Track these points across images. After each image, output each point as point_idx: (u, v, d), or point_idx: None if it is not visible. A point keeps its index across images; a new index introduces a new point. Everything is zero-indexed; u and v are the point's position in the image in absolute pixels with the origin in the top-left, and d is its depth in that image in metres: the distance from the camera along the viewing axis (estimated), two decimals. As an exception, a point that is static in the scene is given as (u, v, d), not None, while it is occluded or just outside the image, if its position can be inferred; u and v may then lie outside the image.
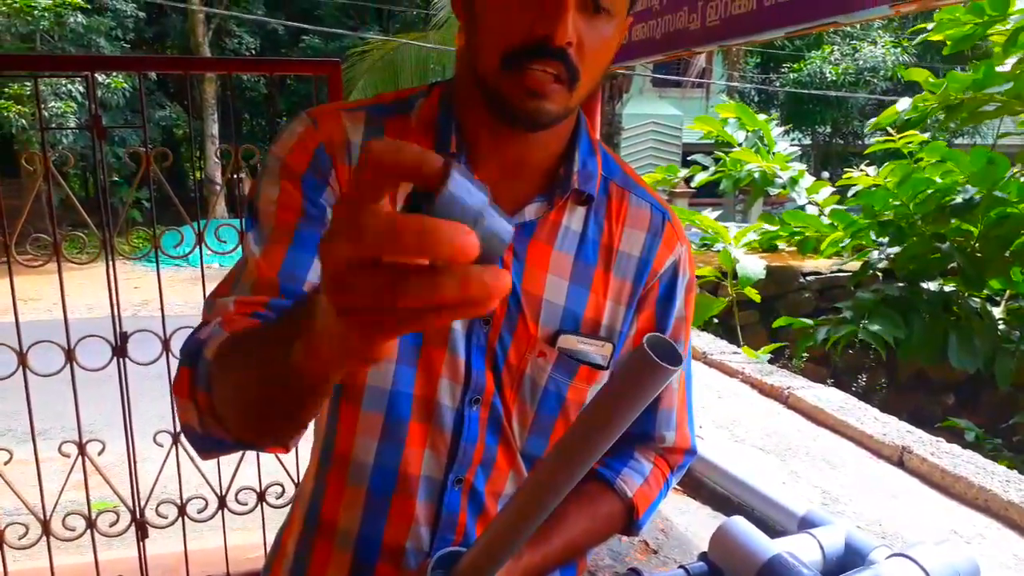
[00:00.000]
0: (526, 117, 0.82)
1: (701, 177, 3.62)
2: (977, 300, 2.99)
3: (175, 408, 0.76)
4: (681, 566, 1.06)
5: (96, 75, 2.04)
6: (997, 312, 3.02)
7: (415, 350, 0.84)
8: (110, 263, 2.20)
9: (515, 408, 0.89)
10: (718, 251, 3.07)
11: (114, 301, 2.21)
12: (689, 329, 0.99)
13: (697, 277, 3.01)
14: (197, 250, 2.15)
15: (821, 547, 1.07)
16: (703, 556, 1.05)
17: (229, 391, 0.69)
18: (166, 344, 2.31)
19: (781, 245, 3.75)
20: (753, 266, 2.80)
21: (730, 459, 1.34)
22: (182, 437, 2.35)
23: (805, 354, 3.08)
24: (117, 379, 2.24)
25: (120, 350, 2.23)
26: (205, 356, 0.73)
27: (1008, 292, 3.07)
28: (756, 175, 3.29)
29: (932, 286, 2.83)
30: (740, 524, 1.02)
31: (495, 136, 0.85)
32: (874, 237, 2.94)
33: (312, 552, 0.93)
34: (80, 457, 2.25)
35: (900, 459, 1.50)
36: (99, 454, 2.29)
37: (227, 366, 0.67)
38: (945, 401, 3.40)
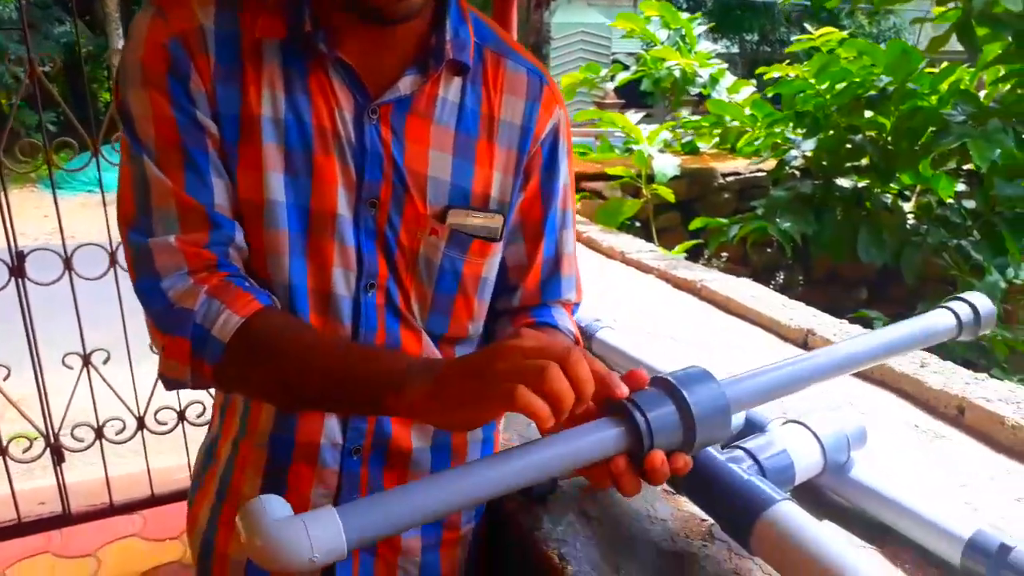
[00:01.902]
0: (385, 15, 0.79)
1: (622, 76, 3.59)
2: (889, 196, 3.07)
3: (159, 360, 0.82)
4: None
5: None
6: (908, 207, 3.11)
7: (303, 241, 0.81)
8: (1, 182, 2.08)
9: (413, 289, 0.87)
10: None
11: (6, 217, 2.09)
12: (573, 195, 0.98)
13: (614, 178, 3.01)
14: (104, 172, 2.05)
15: (722, 422, 1.09)
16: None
17: (256, 386, 0.74)
18: (67, 263, 2.21)
19: (703, 146, 3.77)
20: (666, 163, 2.81)
21: (640, 349, 1.35)
22: (93, 358, 2.28)
23: (724, 254, 3.14)
24: (17, 303, 2.14)
25: (17, 270, 2.13)
26: (214, 335, 0.74)
27: (919, 187, 3.15)
28: (676, 73, 3.27)
29: (846, 183, 2.89)
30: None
31: (353, 18, 0.80)
32: (789, 135, 2.98)
33: (238, 455, 0.93)
34: (-17, 382, 2.16)
35: (805, 341, 1.55)
36: (4, 379, 2.21)
37: (260, 363, 0.76)
38: (857, 296, 3.53)
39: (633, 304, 1.84)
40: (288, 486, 0.88)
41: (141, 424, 2.44)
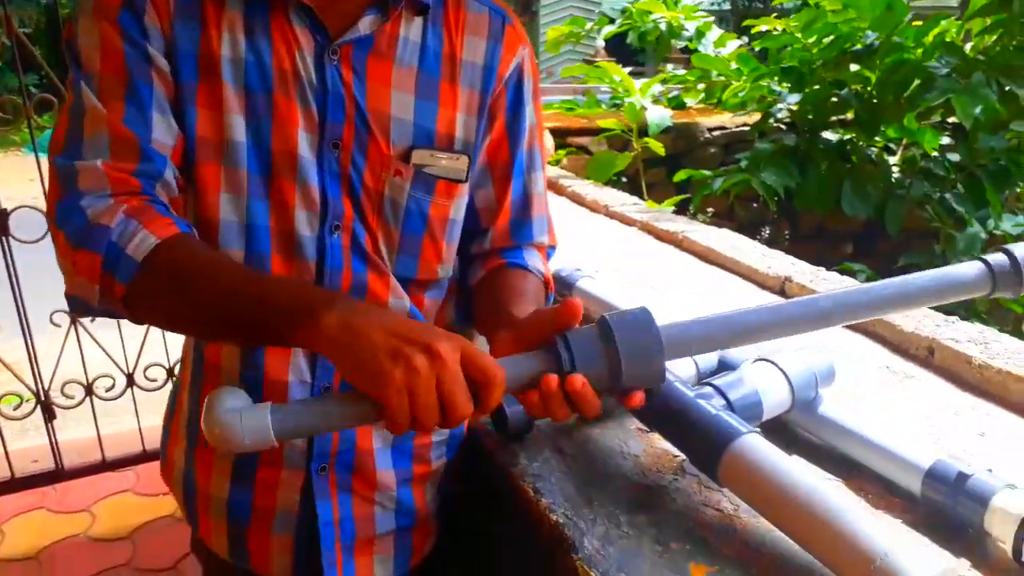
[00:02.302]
0: None
1: (608, 30, 3.57)
2: (875, 149, 3.08)
3: (64, 277, 0.76)
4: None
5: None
6: (893, 161, 3.12)
7: (265, 182, 0.82)
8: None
9: (380, 231, 0.88)
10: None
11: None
12: (542, 135, 0.99)
13: (603, 131, 3.00)
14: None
15: (696, 364, 1.12)
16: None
17: (165, 314, 0.73)
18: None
19: (689, 102, 3.76)
20: (660, 115, 2.81)
21: (619, 297, 1.37)
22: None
23: (711, 209, 3.15)
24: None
25: (1, 228, 2.13)
26: (128, 253, 0.73)
27: (905, 140, 3.16)
28: (663, 27, 3.25)
29: (832, 137, 2.89)
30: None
31: None
32: (776, 88, 2.97)
33: (202, 398, 0.93)
34: (-29, 341, 2.17)
35: (782, 288, 1.57)
36: (-7, 337, 2.21)
37: (173, 287, 0.76)
38: (844, 250, 3.55)
39: (615, 255, 1.85)
40: None
41: (131, 381, 2.47)
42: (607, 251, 1.90)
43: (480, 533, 1.16)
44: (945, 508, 0.87)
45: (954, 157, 2.96)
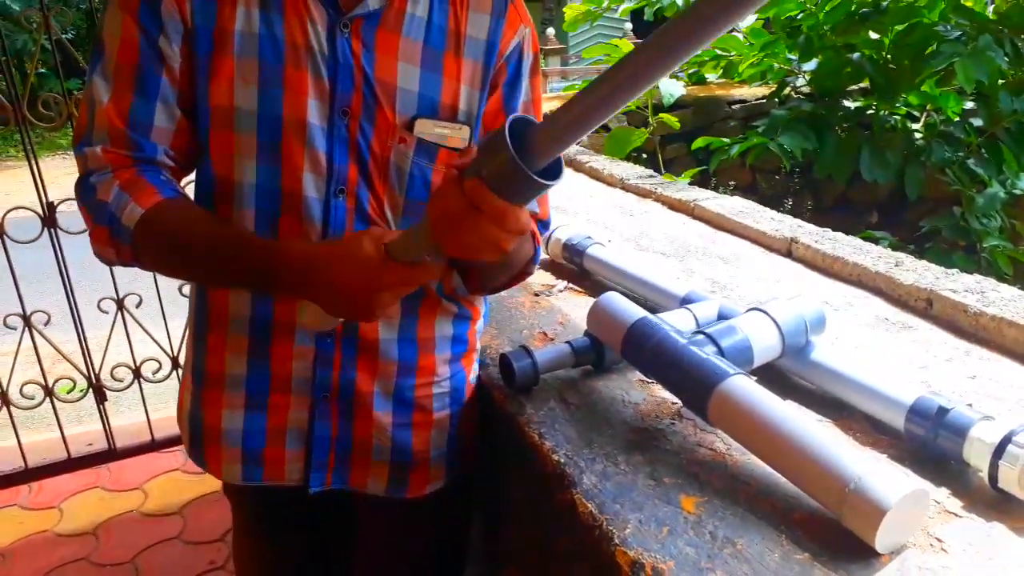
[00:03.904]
0: None
1: (626, 6, 3.58)
2: (897, 116, 3.07)
3: (91, 245, 0.91)
4: (567, 342, 1.17)
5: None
6: (916, 127, 3.11)
7: (275, 148, 0.90)
8: (26, 132, 2.19)
9: (385, 196, 0.96)
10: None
11: (34, 169, 2.21)
12: (539, 110, 1.05)
13: (623, 112, 3.02)
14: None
15: (695, 316, 1.19)
16: (586, 333, 1.17)
17: (166, 269, 0.87)
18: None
19: (709, 76, 3.77)
20: (672, 86, 2.83)
21: (627, 260, 1.42)
22: (126, 302, 2.41)
23: (732, 182, 3.17)
24: (51, 255, 2.27)
25: (49, 220, 2.25)
26: (123, 223, 0.86)
27: (929, 107, 3.14)
28: (679, 2, 3.26)
29: (851, 105, 2.89)
30: (612, 298, 1.13)
31: None
32: (790, 56, 2.97)
33: (208, 343, 1.03)
34: (26, 328, 2.32)
35: (788, 250, 1.61)
36: (45, 324, 2.35)
37: (160, 246, 0.90)
38: (868, 219, 3.54)
39: (629, 225, 1.91)
40: (272, 360, 0.99)
41: (176, 364, 2.59)
42: (620, 221, 1.95)
43: (491, 474, 1.23)
44: (927, 442, 0.91)
45: (978, 122, 2.94)
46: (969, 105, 3.03)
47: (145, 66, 0.88)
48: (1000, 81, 2.37)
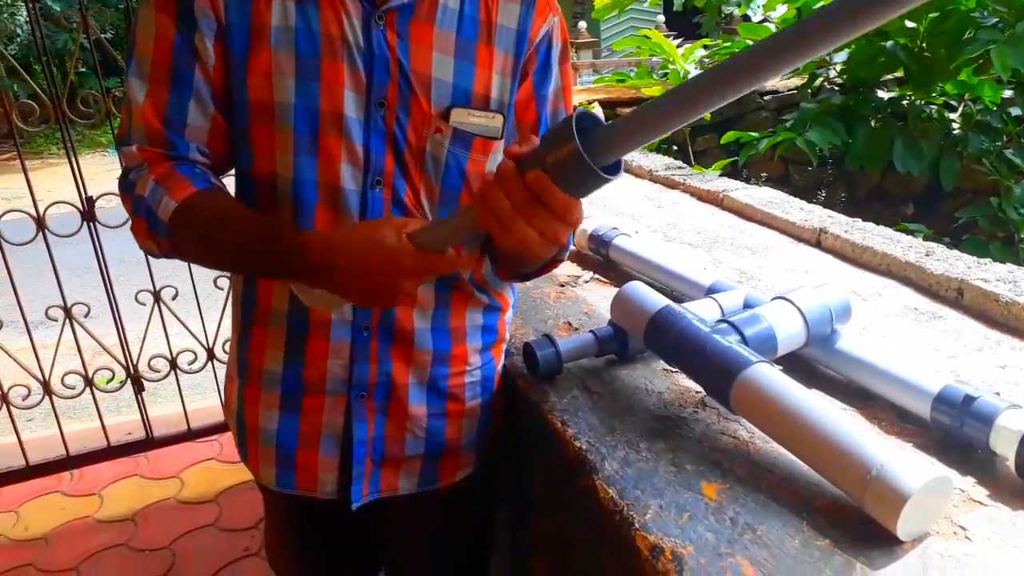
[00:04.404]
0: None
1: (655, -4, 3.56)
2: (934, 107, 3.01)
3: (134, 237, 0.96)
4: (590, 331, 1.18)
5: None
6: (953, 117, 3.05)
7: (313, 140, 0.92)
8: (66, 129, 2.25)
9: (422, 185, 0.98)
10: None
11: (74, 165, 2.27)
12: (569, 98, 1.06)
13: (647, 99, 3.01)
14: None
15: (720, 306, 1.19)
16: (609, 322, 1.17)
17: (202, 259, 0.95)
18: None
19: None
20: (699, 80, 2.79)
21: (653, 251, 1.42)
22: (163, 294, 2.47)
23: (764, 174, 3.14)
24: (91, 249, 2.33)
25: (89, 214, 2.31)
26: (159, 216, 0.89)
27: (967, 96, 3.08)
28: (711, -14, 3.23)
29: (885, 96, 2.85)
30: (635, 287, 1.14)
31: None
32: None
33: (252, 339, 1.05)
34: (67, 320, 2.38)
35: (817, 240, 1.60)
36: (85, 316, 2.41)
37: (194, 237, 0.92)
38: (904, 211, 3.48)
39: (656, 216, 1.91)
40: (307, 358, 1.00)
41: (211, 355, 2.64)
42: (647, 212, 1.95)
43: (516, 463, 1.25)
44: (953, 430, 0.91)
45: (1017, 112, 2.88)
46: (1008, 94, 2.97)
47: (179, 65, 0.90)
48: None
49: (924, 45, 2.61)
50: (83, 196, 2.32)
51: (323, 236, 0.86)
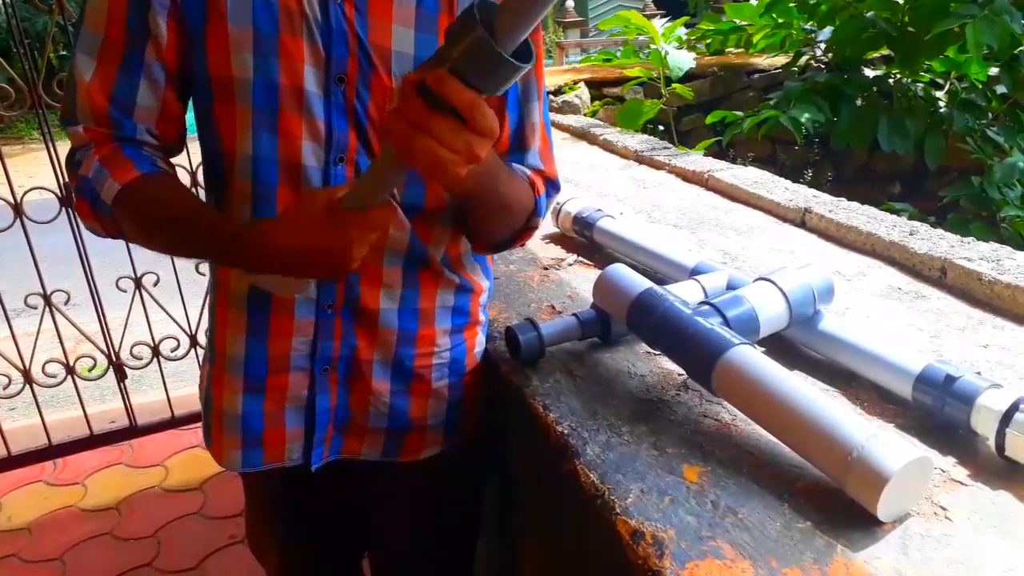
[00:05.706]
0: None
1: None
2: (920, 84, 3.01)
3: (79, 217, 0.95)
4: (573, 314, 1.17)
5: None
6: (939, 95, 3.04)
7: (272, 116, 0.90)
8: (42, 113, 2.21)
9: None
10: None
11: (51, 150, 2.23)
12: (540, 69, 1.04)
13: (630, 79, 2.99)
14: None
15: (703, 288, 1.18)
16: (592, 305, 1.16)
17: (146, 243, 0.92)
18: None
19: (729, 49, 3.71)
20: (681, 58, 2.79)
21: (637, 232, 1.41)
22: (144, 281, 2.44)
23: (751, 154, 3.13)
24: (71, 236, 2.30)
25: (67, 200, 2.28)
26: (102, 198, 0.88)
27: (953, 74, 3.07)
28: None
29: (871, 73, 2.83)
30: (618, 269, 1.12)
31: None
32: (805, 27, 2.91)
33: (216, 320, 1.04)
34: (47, 308, 2.35)
35: (802, 220, 1.59)
36: (66, 303, 2.38)
37: (137, 221, 0.90)
38: (890, 190, 3.49)
39: (641, 197, 1.89)
40: (271, 336, 0.99)
41: (194, 342, 2.62)
42: (633, 193, 1.94)
43: (501, 448, 1.24)
44: (934, 410, 0.90)
45: (1002, 90, 2.87)
46: (995, 72, 2.96)
47: (130, 43, 0.88)
48: (1020, 49, 2.30)
49: (906, 20, 2.60)
50: (61, 181, 2.28)
51: (257, 225, 0.85)
